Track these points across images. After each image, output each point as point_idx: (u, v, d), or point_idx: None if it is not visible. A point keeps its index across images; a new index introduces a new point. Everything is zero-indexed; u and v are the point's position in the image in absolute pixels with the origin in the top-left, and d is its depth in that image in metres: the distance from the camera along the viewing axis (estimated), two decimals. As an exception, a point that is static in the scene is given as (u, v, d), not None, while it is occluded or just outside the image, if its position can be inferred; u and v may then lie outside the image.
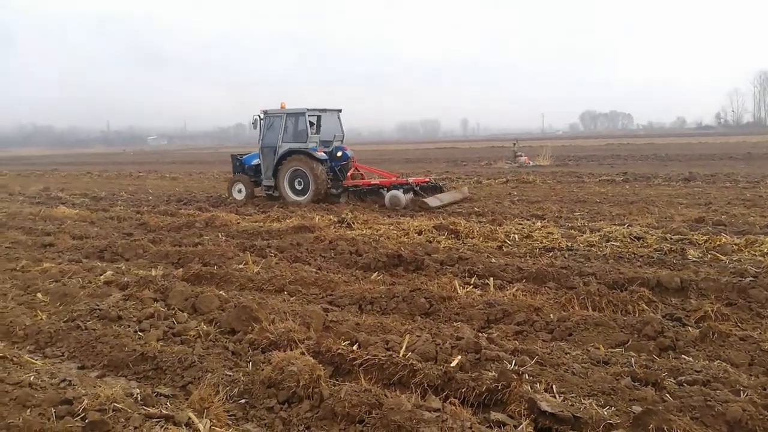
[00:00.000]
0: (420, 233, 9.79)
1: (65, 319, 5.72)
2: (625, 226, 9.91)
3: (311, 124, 14.62)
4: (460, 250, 8.37)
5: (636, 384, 3.96)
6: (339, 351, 4.51)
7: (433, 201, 13.35)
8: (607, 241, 8.88)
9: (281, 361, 4.22)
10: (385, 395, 3.79)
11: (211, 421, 3.64)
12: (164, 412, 3.69)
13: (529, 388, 3.87)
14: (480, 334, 5.00)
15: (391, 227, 10.51)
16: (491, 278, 6.84)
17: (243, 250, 8.78)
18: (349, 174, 14.93)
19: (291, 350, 4.51)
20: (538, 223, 10.59)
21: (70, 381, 4.29)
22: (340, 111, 15.78)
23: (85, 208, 15.14)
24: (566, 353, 4.65)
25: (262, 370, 4.35)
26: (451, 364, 4.15)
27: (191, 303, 6.01)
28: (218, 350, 4.84)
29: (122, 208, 15.11)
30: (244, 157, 16.39)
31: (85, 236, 10.71)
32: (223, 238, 10.09)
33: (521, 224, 10.63)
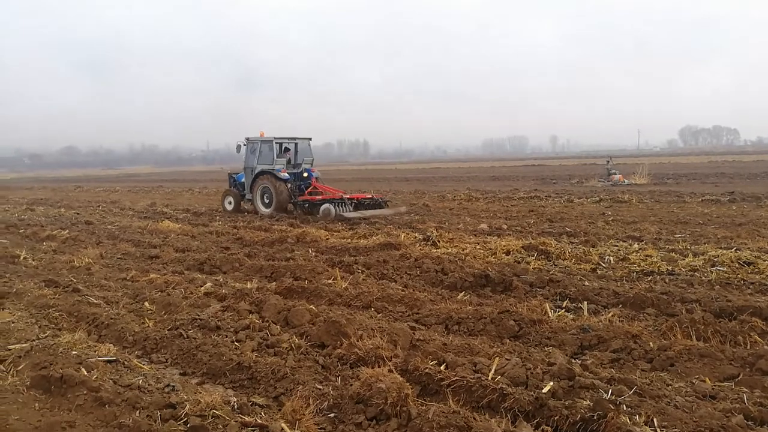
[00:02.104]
0: (508, 253, 9.60)
1: (169, 327, 6.11)
2: (733, 250, 9.21)
3: (286, 149, 18.17)
4: (551, 272, 8.12)
5: (750, 423, 3.64)
6: (426, 370, 4.50)
7: (350, 213, 15.78)
8: (713, 265, 8.29)
9: (369, 377, 4.27)
10: (474, 418, 3.72)
11: (302, 433, 3.74)
12: (259, 421, 3.83)
13: (627, 420, 3.66)
14: (573, 360, 4.81)
15: (478, 246, 10.38)
16: (585, 302, 6.57)
17: (332, 266, 8.99)
18: (307, 191, 17.44)
19: (379, 367, 4.55)
20: (635, 245, 10.07)
21: (173, 386, 4.56)
22: (310, 139, 18.85)
23: (186, 222, 16.14)
24: (668, 385, 4.37)
25: (351, 385, 4.42)
26: (543, 390, 4.02)
27: (284, 316, 6.23)
28: (309, 363, 4.97)
29: (220, 223, 15.96)
30: (237, 175, 19.21)
31: (187, 249, 11.40)
32: (313, 253, 10.39)
33: (616, 246, 10.16)
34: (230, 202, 18.86)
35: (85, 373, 4.63)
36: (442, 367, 4.61)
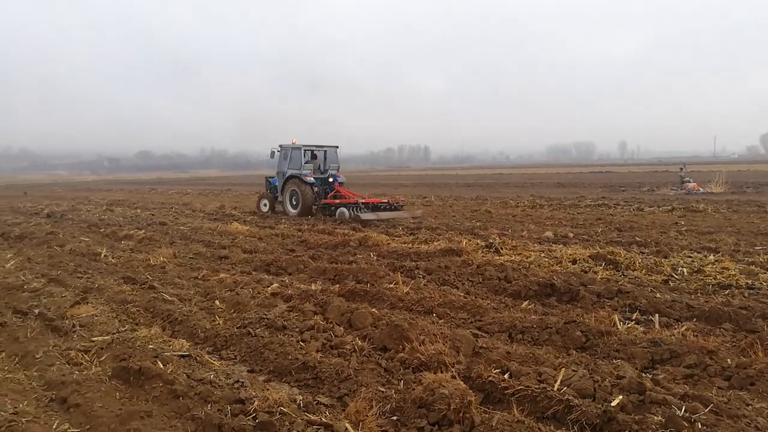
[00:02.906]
0: (574, 262, 9.35)
1: (238, 325, 6.34)
2: (823, 264, 8.58)
3: (315, 156, 19.79)
4: (620, 283, 7.85)
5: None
6: (490, 378, 4.46)
7: (365, 215, 16.95)
8: (799, 280, 7.76)
9: (432, 382, 4.28)
10: (539, 429, 3.67)
11: (365, 434, 3.80)
12: (324, 420, 3.92)
13: (703, 440, 3.51)
14: (644, 375, 4.64)
15: (542, 254, 10.17)
16: (656, 315, 6.32)
17: (393, 270, 9.05)
18: (330, 195, 18.87)
19: (441, 373, 4.56)
20: (711, 257, 9.58)
21: (242, 383, 4.74)
22: (337, 147, 20.27)
23: (254, 225, 16.66)
24: (747, 404, 4.14)
25: (413, 389, 4.45)
26: (612, 404, 3.90)
27: (347, 318, 6.34)
28: (371, 366, 5.03)
29: (285, 225, 16.38)
30: (272, 179, 20.62)
31: (254, 251, 11.77)
32: (375, 257, 10.49)
33: (690, 257, 9.70)
34: (265, 204, 20.38)
35: (161, 367, 4.88)
36: (506, 376, 4.55)
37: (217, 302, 7.36)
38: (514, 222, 16.33)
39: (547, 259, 9.67)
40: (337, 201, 18.35)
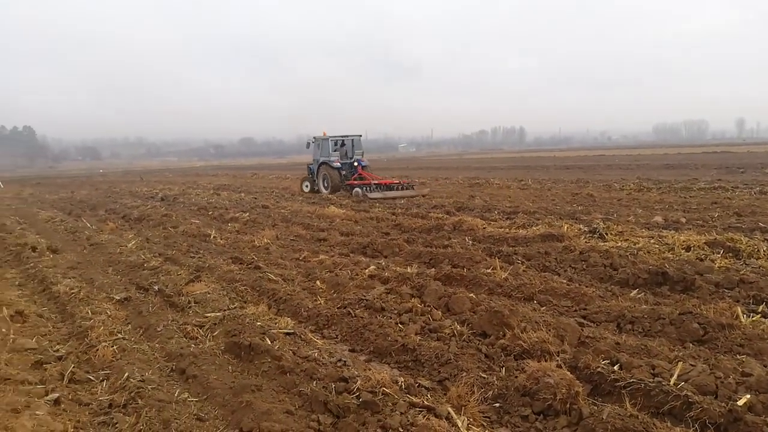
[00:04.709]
0: (688, 249, 8.71)
1: (338, 305, 6.50)
2: None
3: (342, 144, 23.06)
4: (741, 272, 7.21)
5: None
6: (598, 369, 4.26)
7: (372, 194, 19.71)
8: None
9: (536, 371, 4.17)
10: (654, 425, 3.46)
11: (467, 419, 3.77)
12: (426, 403, 3.93)
13: None
14: (774, 373, 4.24)
15: (652, 241, 9.55)
16: (786, 308, 5.74)
17: (490, 255, 8.88)
18: (353, 177, 21.91)
19: (546, 361, 4.42)
20: None
21: (345, 362, 4.86)
22: (360, 136, 23.75)
23: (350, 208, 17.00)
24: None
25: (516, 377, 4.36)
26: (738, 403, 3.60)
27: (444, 302, 6.31)
28: (471, 351, 4.98)
29: (379, 209, 16.57)
30: (311, 165, 23.75)
31: (351, 233, 12.01)
32: (470, 242, 10.35)
33: (826, 245, 8.71)
34: (306, 186, 23.83)
35: (269, 343, 5.11)
36: (616, 368, 4.33)
37: (317, 282, 7.59)
38: (620, 206, 15.46)
39: (657, 246, 9.07)
40: (356, 183, 21.41)
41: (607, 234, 10.12)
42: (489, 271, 7.79)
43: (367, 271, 8.10)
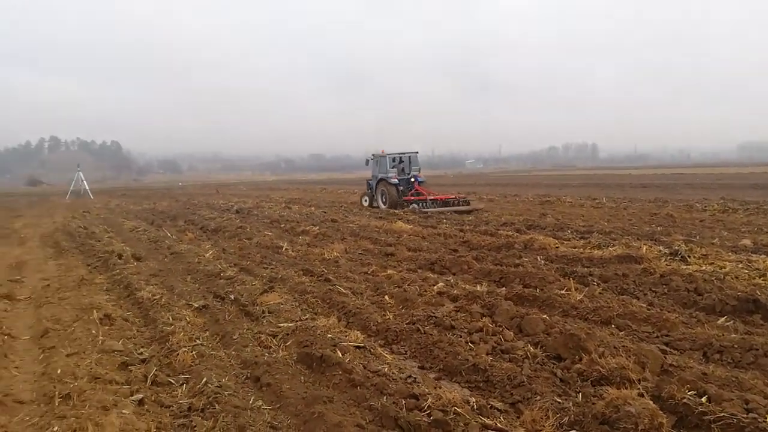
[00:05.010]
0: (782, 276, 8.10)
1: (407, 321, 6.49)
2: None
3: (400, 161, 23.74)
4: None
5: None
6: (684, 400, 4.03)
7: (426, 209, 20.46)
8: None
9: (616, 398, 3.99)
10: (749, 465, 3.22)
11: (543, 445, 3.65)
12: (499, 425, 3.85)
13: None
14: None
15: (740, 265, 8.95)
16: None
17: (563, 276, 8.62)
18: (410, 193, 22.67)
19: (626, 389, 4.23)
20: None
21: (414, 378, 4.84)
22: (416, 153, 24.70)
23: (417, 224, 17.00)
24: None
25: (593, 404, 4.18)
26: None
27: (516, 323, 6.16)
28: (546, 374, 4.83)
29: (447, 225, 16.47)
30: (370, 181, 24.59)
31: (418, 249, 12.00)
32: (542, 261, 10.08)
33: None
34: (365, 201, 24.71)
35: (340, 355, 5.17)
36: (703, 399, 4.07)
37: (386, 297, 7.62)
38: (702, 228, 14.63)
39: (746, 271, 8.49)
40: (413, 198, 22.12)
41: (689, 257, 9.59)
42: (563, 292, 7.55)
43: (435, 287, 8.06)
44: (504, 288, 8.06)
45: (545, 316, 6.36)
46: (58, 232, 17.58)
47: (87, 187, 43.93)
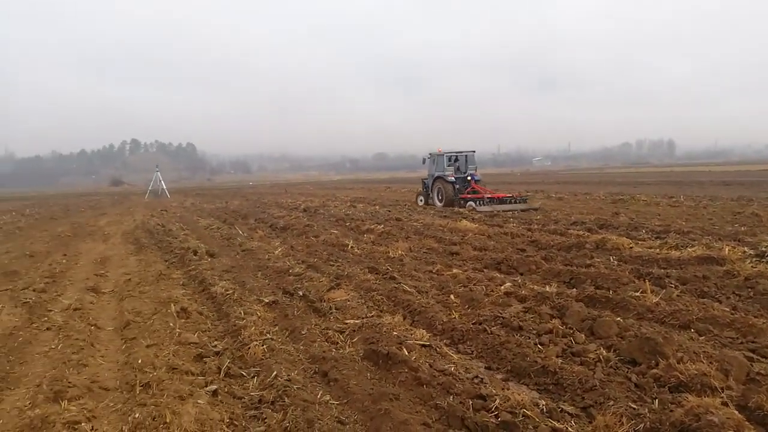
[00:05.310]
0: None
1: (473, 321, 6.42)
2: None
3: (456, 160, 23.90)
4: None
5: None
6: (774, 412, 3.76)
7: (482, 207, 20.64)
8: None
9: (696, 406, 3.78)
10: None
11: (617, 453, 3.51)
12: (570, 430, 3.73)
13: None
14: None
15: (838, 268, 8.26)
16: None
17: (638, 277, 8.25)
18: (467, 191, 22.73)
19: (707, 397, 4.00)
20: None
21: (481, 379, 4.77)
22: (473, 152, 24.46)
23: (482, 223, 16.79)
24: None
25: (671, 411, 3.99)
26: None
27: (588, 325, 5.96)
28: (619, 379, 4.65)
29: (514, 224, 16.16)
30: (426, 180, 25.07)
31: (484, 248, 11.83)
32: (615, 262, 9.71)
33: None
34: (421, 199, 25.18)
35: (406, 353, 5.18)
36: (796, 412, 3.79)
37: (452, 297, 7.56)
38: (793, 228, 13.62)
39: None
40: (470, 196, 22.21)
41: (779, 259, 8.94)
42: (637, 294, 7.23)
43: (502, 287, 7.92)
44: (575, 289, 7.82)
45: (619, 318, 6.12)
46: (139, 230, 18.59)
47: (164, 187, 46.25)
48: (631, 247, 10.85)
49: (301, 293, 7.97)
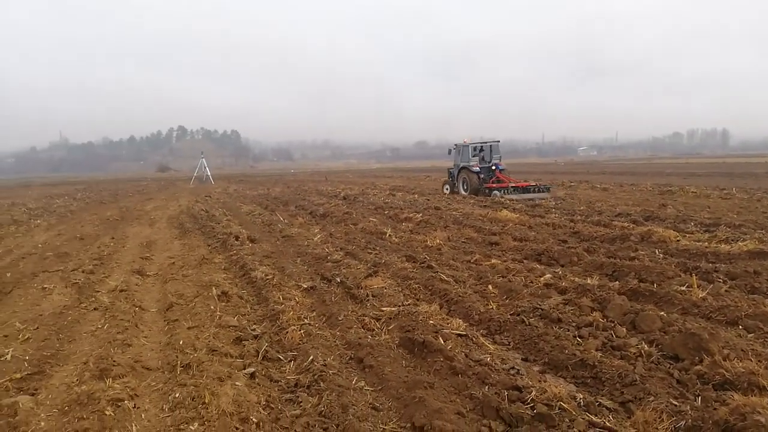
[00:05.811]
0: None
1: (511, 312, 6.35)
2: None
3: (481, 150, 24.82)
4: None
5: None
6: (827, 415, 3.59)
7: (507, 195, 21.35)
8: None
9: (742, 405, 3.65)
10: None
11: (656, 450, 3.42)
12: (607, 424, 3.66)
13: None
14: None
15: None
16: None
17: (684, 271, 8.00)
18: (491, 180, 23.43)
19: (754, 396, 3.85)
20: None
21: (518, 370, 4.72)
22: (498, 142, 25.31)
23: (524, 213, 16.53)
24: None
25: (715, 409, 3.86)
26: None
27: (630, 319, 5.81)
28: (661, 374, 4.52)
29: (556, 215, 15.85)
30: (451, 169, 25.91)
31: (525, 239, 11.65)
32: (661, 255, 9.42)
33: None
34: (447, 188, 26.04)
35: (442, 342, 5.17)
36: None
37: (489, 287, 7.49)
38: None
39: None
40: (495, 185, 22.87)
41: (837, 255, 8.50)
42: (683, 288, 7.00)
43: (542, 279, 7.79)
44: (617, 282, 7.62)
45: (662, 313, 5.94)
46: (183, 215, 19.10)
47: (209, 173, 47.30)
48: (678, 240, 10.51)
49: (338, 280, 8.04)
